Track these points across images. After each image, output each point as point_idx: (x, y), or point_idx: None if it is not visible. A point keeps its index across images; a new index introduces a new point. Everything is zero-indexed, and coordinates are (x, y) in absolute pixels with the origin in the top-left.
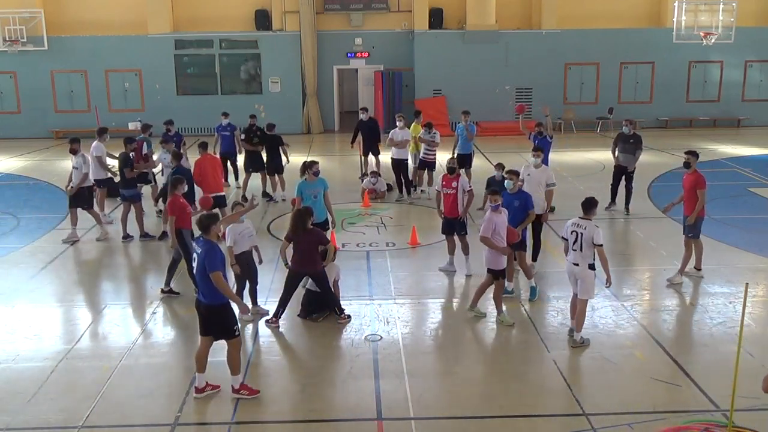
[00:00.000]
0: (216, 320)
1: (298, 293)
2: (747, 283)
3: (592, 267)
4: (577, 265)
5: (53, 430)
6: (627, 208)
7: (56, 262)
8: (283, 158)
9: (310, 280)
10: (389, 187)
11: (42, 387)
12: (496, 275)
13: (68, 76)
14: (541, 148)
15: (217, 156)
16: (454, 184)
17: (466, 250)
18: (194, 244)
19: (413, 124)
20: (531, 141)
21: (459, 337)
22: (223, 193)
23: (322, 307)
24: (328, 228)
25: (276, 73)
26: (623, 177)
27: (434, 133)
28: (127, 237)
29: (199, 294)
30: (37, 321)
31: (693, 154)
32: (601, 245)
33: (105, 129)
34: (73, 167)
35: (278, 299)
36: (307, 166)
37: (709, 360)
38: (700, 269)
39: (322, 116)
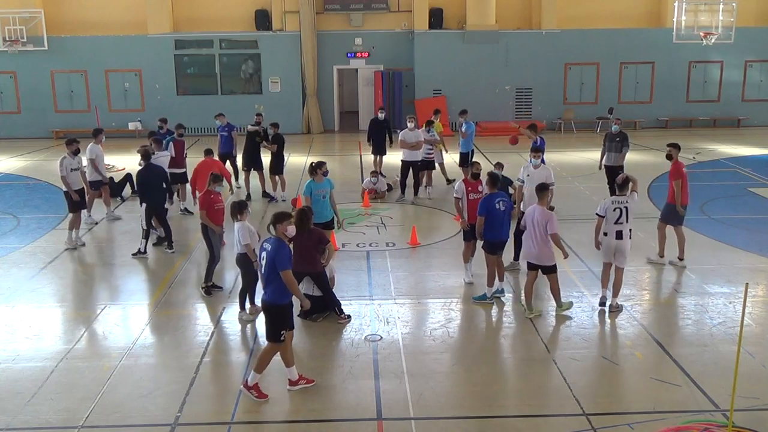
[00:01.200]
0: (269, 319)
1: None
2: (747, 283)
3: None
4: (621, 237)
5: (53, 430)
6: None
7: (56, 262)
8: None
9: (305, 284)
10: (389, 187)
11: (42, 387)
12: (553, 270)
13: (68, 76)
14: (539, 148)
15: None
16: (480, 188)
17: (473, 252)
18: (263, 243)
19: (435, 122)
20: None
21: (459, 337)
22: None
23: (322, 308)
24: (334, 227)
25: (276, 73)
26: (614, 177)
27: (434, 132)
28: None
29: (264, 293)
30: (37, 321)
31: (675, 146)
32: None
33: (100, 130)
34: (73, 169)
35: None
36: (317, 167)
37: (709, 360)
38: (682, 259)
39: (322, 116)
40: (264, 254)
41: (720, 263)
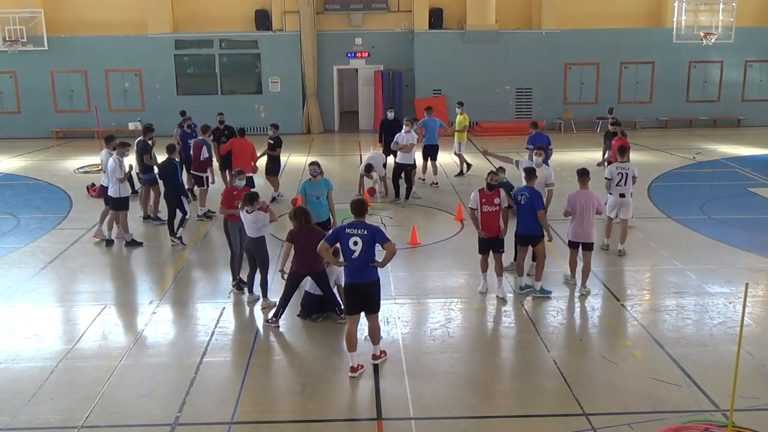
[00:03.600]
0: (377, 295)
1: (299, 293)
2: (747, 283)
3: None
4: (624, 196)
5: (53, 430)
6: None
7: (56, 262)
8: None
9: (309, 281)
10: (373, 191)
11: (42, 387)
12: (592, 247)
13: (68, 76)
14: (542, 147)
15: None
16: (496, 200)
17: (500, 270)
18: (348, 229)
19: (458, 116)
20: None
21: (459, 337)
22: (249, 174)
23: (322, 308)
24: (330, 228)
25: (276, 73)
26: None
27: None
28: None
29: (351, 276)
30: (37, 321)
31: (618, 123)
32: (636, 177)
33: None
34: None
35: (278, 299)
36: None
37: (709, 360)
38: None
39: (322, 116)
40: (357, 239)
41: (720, 263)
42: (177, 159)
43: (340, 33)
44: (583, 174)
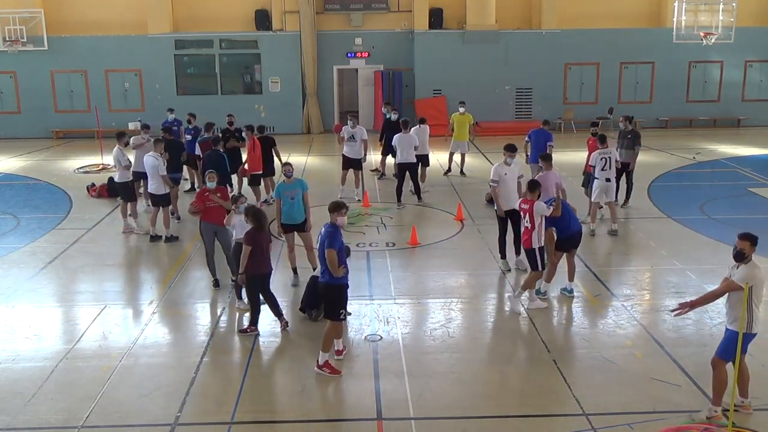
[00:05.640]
0: (329, 299)
1: (298, 292)
2: (747, 283)
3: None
4: (609, 180)
5: (53, 430)
6: (627, 201)
7: (56, 262)
8: (276, 159)
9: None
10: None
11: (42, 387)
12: None
13: (68, 76)
14: (514, 147)
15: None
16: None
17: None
18: (323, 228)
19: (458, 114)
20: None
21: (459, 337)
22: (260, 172)
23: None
24: (305, 230)
25: (276, 73)
26: (623, 173)
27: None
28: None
29: (321, 275)
30: (37, 321)
31: (597, 124)
32: (618, 161)
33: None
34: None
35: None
36: (285, 172)
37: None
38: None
39: (322, 116)
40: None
41: (720, 263)
42: (222, 150)
43: (340, 33)
44: (547, 157)
